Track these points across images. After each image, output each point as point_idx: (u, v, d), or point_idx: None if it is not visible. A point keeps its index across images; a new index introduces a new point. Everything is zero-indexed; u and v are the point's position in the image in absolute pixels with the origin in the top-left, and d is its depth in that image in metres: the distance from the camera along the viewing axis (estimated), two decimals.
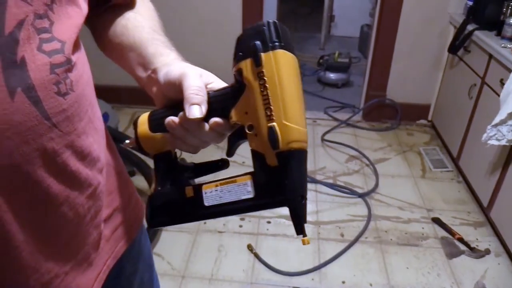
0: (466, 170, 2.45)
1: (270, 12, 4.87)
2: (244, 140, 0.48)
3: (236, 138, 0.49)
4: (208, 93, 0.48)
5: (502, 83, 1.97)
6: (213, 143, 0.52)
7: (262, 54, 0.42)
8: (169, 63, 0.55)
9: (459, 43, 2.51)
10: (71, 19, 0.47)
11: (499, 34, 2.23)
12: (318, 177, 2.52)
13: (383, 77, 3.04)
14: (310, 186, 2.44)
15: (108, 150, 0.63)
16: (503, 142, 1.84)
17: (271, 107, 0.42)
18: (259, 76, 0.42)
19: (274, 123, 0.42)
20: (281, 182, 0.43)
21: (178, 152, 0.56)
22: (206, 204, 0.49)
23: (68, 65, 0.45)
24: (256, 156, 0.45)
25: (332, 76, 3.73)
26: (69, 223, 0.52)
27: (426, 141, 2.96)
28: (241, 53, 0.44)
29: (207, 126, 0.49)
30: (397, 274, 1.90)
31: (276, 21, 0.43)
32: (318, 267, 1.92)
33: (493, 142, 1.88)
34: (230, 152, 0.51)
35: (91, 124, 0.54)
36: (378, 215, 2.25)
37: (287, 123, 0.41)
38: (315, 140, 2.93)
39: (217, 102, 0.48)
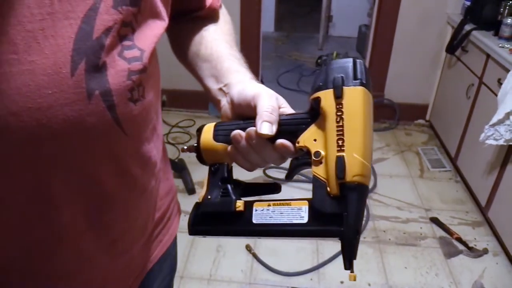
0: (464, 170, 2.45)
1: (268, 12, 4.88)
2: (306, 167, 0.49)
3: (299, 163, 0.49)
4: (279, 116, 0.50)
5: (499, 83, 1.98)
6: (272, 164, 0.53)
7: (345, 88, 0.44)
8: (243, 81, 0.57)
9: (457, 43, 2.52)
10: (152, 29, 0.49)
11: (496, 34, 2.24)
12: None
13: (381, 77, 3.04)
14: (307, 185, 2.44)
15: (162, 156, 0.67)
16: (501, 142, 1.84)
17: (344, 138, 0.43)
18: (338, 107, 0.44)
19: (344, 154, 0.43)
20: (339, 213, 0.43)
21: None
22: (254, 221, 0.49)
23: (144, 73, 0.47)
24: (317, 182, 0.45)
25: None
26: (120, 222, 0.55)
27: (424, 141, 2.96)
28: (321, 84, 0.46)
29: (272, 146, 0.50)
30: (396, 274, 1.90)
31: (361, 60, 0.46)
32: (317, 267, 1.92)
33: (490, 141, 1.88)
34: (290, 175, 0.51)
35: (154, 131, 0.57)
36: (377, 215, 2.25)
37: (356, 156, 0.42)
38: None
39: (287, 125, 0.49)
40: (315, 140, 0.46)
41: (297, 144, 0.48)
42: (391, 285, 1.85)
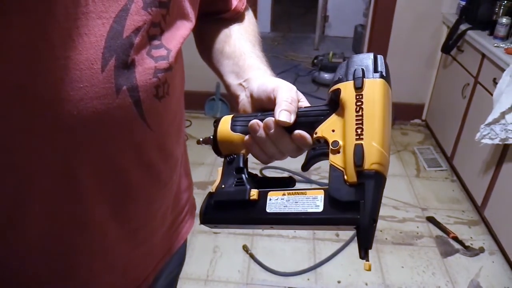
0: (460, 169, 2.46)
1: (264, 12, 4.88)
2: (323, 158, 0.48)
3: (315, 154, 0.49)
4: (298, 108, 0.51)
5: (495, 82, 1.98)
6: (289, 156, 0.53)
7: (365, 79, 0.45)
8: (263, 76, 0.58)
9: (452, 43, 2.53)
10: (180, 30, 0.52)
11: (491, 33, 2.25)
12: (313, 177, 2.52)
13: None
14: (305, 186, 2.44)
15: (183, 152, 0.69)
16: (496, 141, 1.85)
17: (363, 127, 0.43)
18: (357, 98, 0.44)
19: (362, 142, 0.43)
20: (355, 201, 0.42)
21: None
22: (267, 210, 0.48)
23: (169, 72, 0.49)
24: (334, 171, 0.45)
25: (326, 76, 3.73)
26: (142, 213, 0.58)
27: (420, 141, 2.97)
28: (340, 76, 0.47)
29: (289, 137, 0.50)
30: (392, 273, 1.91)
31: (381, 56, 0.47)
32: (314, 267, 1.92)
33: (486, 141, 1.89)
34: (306, 167, 0.51)
35: (178, 127, 0.60)
36: None
37: (375, 145, 0.42)
38: None
39: (305, 117, 0.50)
40: (333, 130, 0.47)
41: (315, 135, 0.49)
42: (388, 284, 1.85)
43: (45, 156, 0.44)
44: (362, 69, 0.45)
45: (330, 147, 0.46)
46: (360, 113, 0.44)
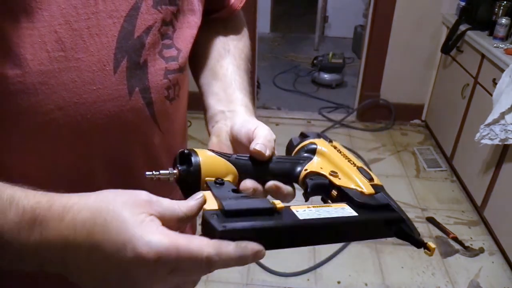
0: (459, 170, 2.46)
1: (264, 13, 4.88)
2: (322, 186, 0.50)
3: (314, 182, 0.49)
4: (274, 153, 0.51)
5: (494, 82, 1.99)
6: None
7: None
8: (249, 115, 0.57)
9: (452, 43, 2.53)
10: (191, 28, 0.51)
11: (491, 34, 2.25)
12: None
13: (377, 77, 3.05)
14: None
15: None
16: (496, 142, 1.85)
17: (349, 158, 0.52)
18: (332, 146, 0.54)
19: (357, 166, 0.50)
20: (386, 204, 0.46)
21: None
22: (300, 217, 0.41)
23: (179, 73, 0.49)
24: (347, 190, 0.47)
25: (326, 76, 3.74)
26: None
27: (420, 141, 2.97)
28: (302, 137, 0.56)
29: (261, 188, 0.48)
30: (392, 273, 1.91)
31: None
32: (314, 268, 1.92)
33: (486, 141, 1.89)
34: (309, 194, 0.50)
35: (184, 130, 0.59)
36: None
37: (365, 168, 0.51)
38: None
39: (282, 163, 0.51)
40: (321, 168, 0.51)
41: (304, 171, 0.50)
42: (388, 284, 1.85)
43: (60, 159, 0.44)
44: (324, 135, 0.55)
45: (330, 175, 0.49)
46: (342, 153, 0.53)
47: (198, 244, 0.34)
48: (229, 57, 0.65)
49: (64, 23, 0.40)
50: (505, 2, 2.27)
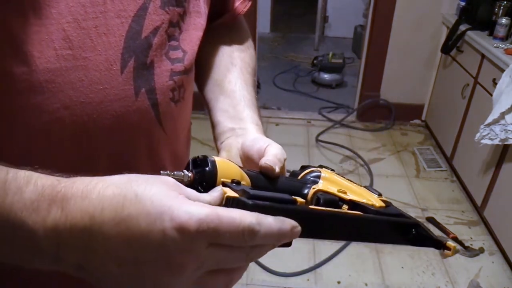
0: (459, 170, 2.46)
1: (264, 13, 4.88)
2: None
3: (327, 197, 0.50)
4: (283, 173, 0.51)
5: (494, 82, 1.99)
6: None
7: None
8: (260, 133, 0.56)
9: (452, 43, 2.53)
10: (197, 30, 0.50)
11: (491, 34, 2.25)
12: None
13: (377, 77, 3.05)
14: None
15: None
16: (496, 142, 1.85)
17: (354, 182, 0.53)
18: (335, 173, 0.54)
19: (363, 186, 0.52)
20: (400, 213, 0.49)
21: None
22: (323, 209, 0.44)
23: (185, 75, 0.48)
24: (357, 205, 0.48)
25: (326, 76, 3.74)
26: None
27: (420, 141, 2.97)
28: (307, 168, 0.54)
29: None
30: (392, 273, 1.91)
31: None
32: (314, 268, 1.92)
33: (486, 141, 1.89)
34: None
35: (186, 128, 0.58)
36: None
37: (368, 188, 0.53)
38: (309, 141, 2.93)
39: (292, 182, 0.51)
40: (328, 187, 0.52)
41: (312, 189, 0.50)
42: (388, 284, 1.85)
43: (65, 158, 0.44)
44: (320, 165, 0.56)
45: (339, 192, 0.50)
46: (344, 178, 0.54)
47: (239, 212, 0.33)
48: (236, 71, 0.63)
49: (72, 21, 0.39)
50: (505, 2, 2.27)
